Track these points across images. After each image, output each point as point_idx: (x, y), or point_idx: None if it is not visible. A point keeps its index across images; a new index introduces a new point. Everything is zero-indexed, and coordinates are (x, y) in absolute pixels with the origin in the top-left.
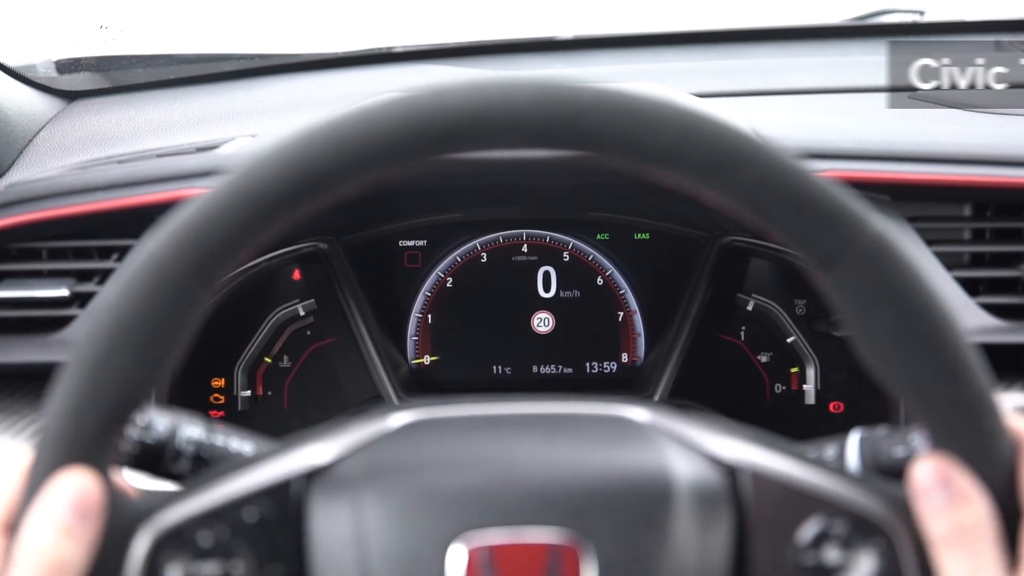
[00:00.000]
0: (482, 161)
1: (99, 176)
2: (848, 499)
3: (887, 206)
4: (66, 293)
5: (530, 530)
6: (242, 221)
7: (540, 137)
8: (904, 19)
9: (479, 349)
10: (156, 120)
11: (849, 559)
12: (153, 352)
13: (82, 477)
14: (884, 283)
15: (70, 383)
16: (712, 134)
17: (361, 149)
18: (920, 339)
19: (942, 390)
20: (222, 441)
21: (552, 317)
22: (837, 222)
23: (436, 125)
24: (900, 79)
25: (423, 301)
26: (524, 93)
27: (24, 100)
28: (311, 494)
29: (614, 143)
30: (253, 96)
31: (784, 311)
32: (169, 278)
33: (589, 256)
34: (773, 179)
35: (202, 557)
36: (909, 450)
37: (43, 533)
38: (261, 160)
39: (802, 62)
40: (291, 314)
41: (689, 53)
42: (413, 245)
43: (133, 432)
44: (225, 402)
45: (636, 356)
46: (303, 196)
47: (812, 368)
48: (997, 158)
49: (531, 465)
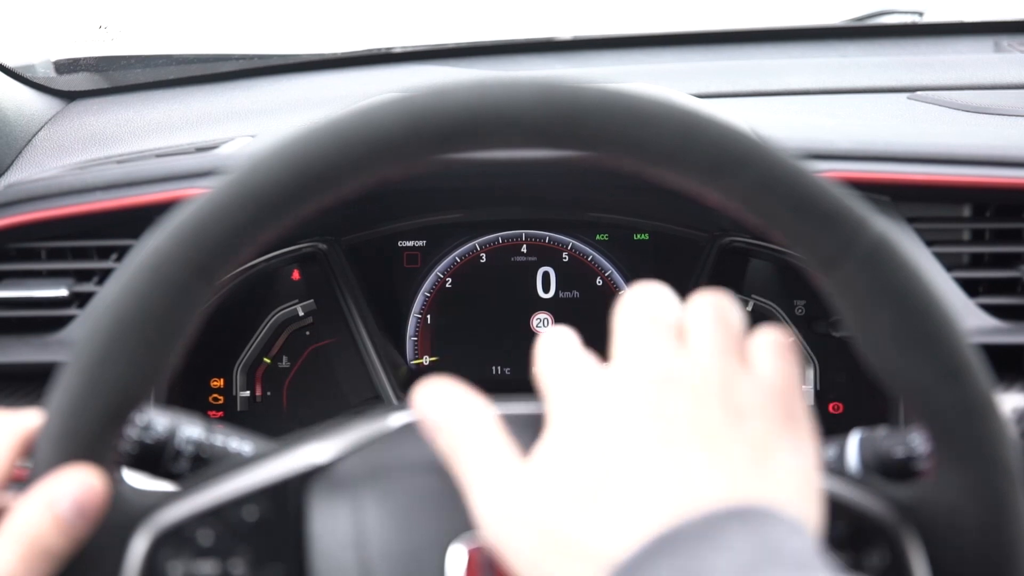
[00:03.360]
0: (482, 161)
1: (98, 176)
2: (848, 500)
3: (887, 207)
4: (65, 293)
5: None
6: (243, 220)
7: (541, 137)
8: (903, 20)
9: (478, 350)
10: (155, 120)
11: (850, 560)
12: (153, 352)
13: (89, 475)
14: (885, 284)
15: (70, 382)
16: (713, 134)
17: (363, 148)
18: (921, 340)
19: (943, 391)
20: (221, 441)
21: (551, 318)
22: (838, 223)
23: (437, 124)
24: (899, 80)
25: (422, 301)
26: (526, 93)
27: (23, 100)
28: (311, 493)
29: (615, 143)
30: (252, 96)
31: (783, 312)
32: (170, 277)
33: (588, 257)
34: (774, 180)
35: (202, 556)
36: (909, 451)
37: (37, 518)
38: (262, 159)
39: (801, 63)
40: (290, 314)
41: (688, 54)
42: (412, 245)
43: (132, 432)
44: (224, 402)
45: None
46: (304, 195)
47: (811, 369)
48: (996, 159)
49: None
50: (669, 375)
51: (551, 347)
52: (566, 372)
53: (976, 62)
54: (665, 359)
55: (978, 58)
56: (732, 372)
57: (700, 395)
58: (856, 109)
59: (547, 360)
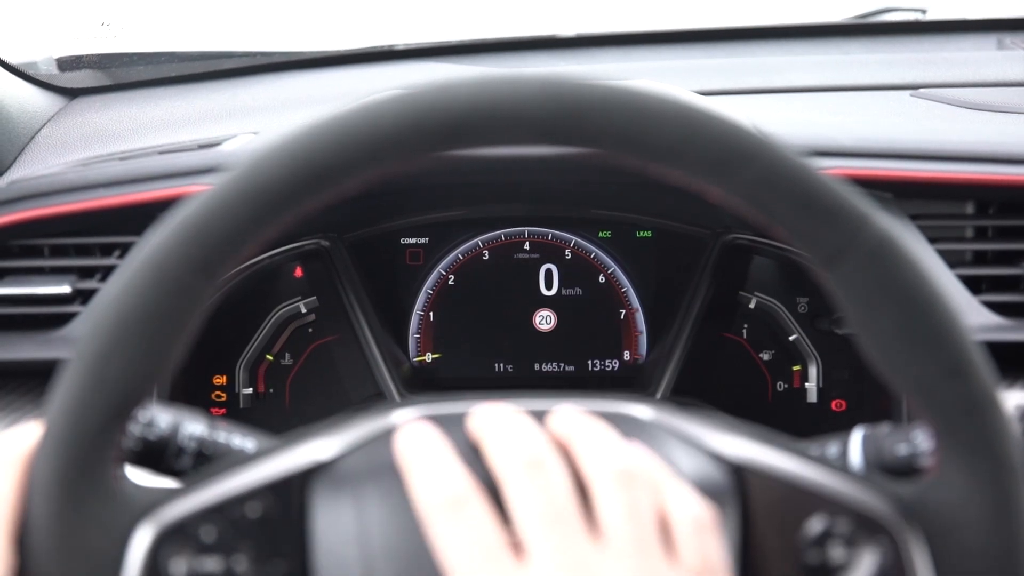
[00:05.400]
0: (485, 158)
1: (101, 173)
2: (851, 497)
3: (889, 204)
4: (68, 290)
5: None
6: (246, 217)
7: (545, 133)
8: (906, 17)
9: (481, 347)
10: (158, 117)
11: (853, 557)
12: (156, 348)
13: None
14: (889, 281)
15: (73, 379)
16: (717, 131)
17: (366, 145)
18: (925, 337)
19: (946, 388)
20: (224, 438)
21: (554, 315)
22: (842, 219)
23: (440, 121)
24: (902, 77)
25: (425, 298)
26: (529, 89)
27: (26, 97)
28: (313, 490)
29: (619, 140)
30: (255, 93)
31: (786, 309)
32: (172, 274)
33: (591, 254)
34: (778, 176)
35: (204, 552)
36: (912, 448)
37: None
38: (265, 155)
39: (804, 60)
40: (293, 311)
41: (691, 51)
42: (415, 242)
43: (135, 429)
44: (227, 399)
45: (638, 354)
46: (307, 192)
47: (814, 366)
48: (999, 156)
49: None
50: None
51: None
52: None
53: (979, 59)
54: (580, 560)
55: (981, 55)
56: (658, 570)
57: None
58: (859, 106)
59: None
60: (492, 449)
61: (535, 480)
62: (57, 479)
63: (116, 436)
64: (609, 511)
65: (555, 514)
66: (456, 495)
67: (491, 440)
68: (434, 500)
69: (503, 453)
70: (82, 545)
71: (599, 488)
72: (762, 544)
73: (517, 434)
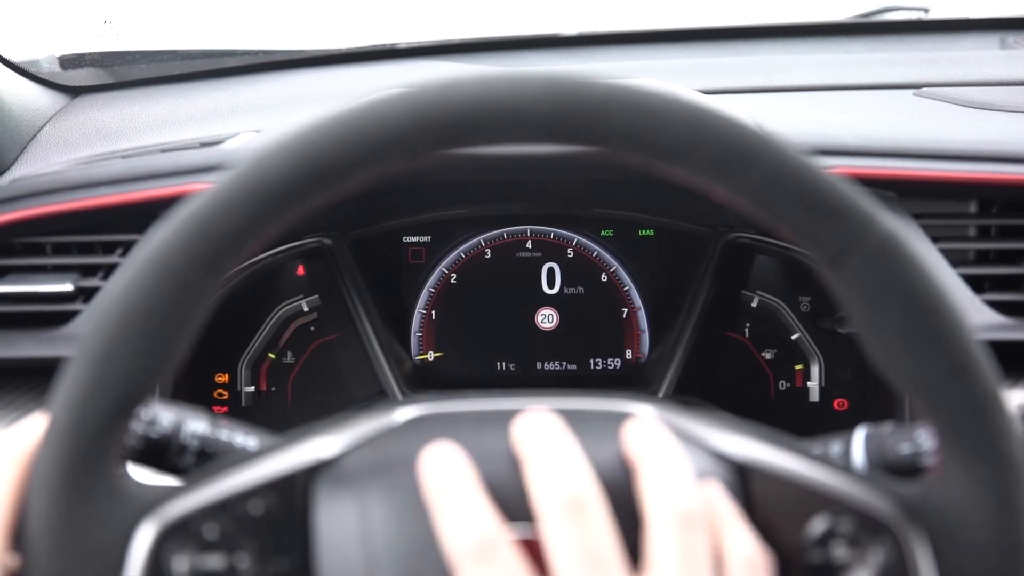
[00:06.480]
0: (487, 157)
1: (103, 171)
2: (854, 497)
3: (893, 203)
4: (70, 288)
5: (536, 525)
6: (249, 214)
7: (550, 131)
8: (909, 16)
9: (483, 345)
10: (160, 115)
11: (856, 556)
12: (159, 346)
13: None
14: (893, 280)
15: (76, 376)
16: (720, 130)
17: (369, 143)
18: (928, 336)
19: (950, 387)
20: (226, 436)
21: (556, 313)
22: (846, 219)
23: (443, 119)
24: (905, 76)
25: (427, 297)
26: (532, 88)
27: (28, 95)
28: (316, 488)
29: (622, 139)
30: (257, 91)
31: (789, 308)
32: (176, 271)
33: (593, 252)
34: (782, 175)
35: (207, 550)
36: (915, 447)
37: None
38: (268, 153)
39: (807, 59)
40: (295, 310)
41: (694, 50)
42: (417, 241)
43: (138, 426)
44: (229, 397)
45: (640, 353)
46: (310, 189)
47: (816, 365)
48: (1002, 155)
49: None
50: None
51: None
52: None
53: (982, 58)
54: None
55: (984, 54)
56: None
57: None
58: (862, 105)
59: None
60: (532, 478)
61: (576, 525)
62: (60, 476)
63: (119, 434)
64: (661, 555)
65: (594, 565)
66: (486, 541)
67: (532, 467)
68: (462, 545)
69: (543, 488)
70: (84, 543)
71: (655, 528)
72: (766, 543)
73: (560, 465)
